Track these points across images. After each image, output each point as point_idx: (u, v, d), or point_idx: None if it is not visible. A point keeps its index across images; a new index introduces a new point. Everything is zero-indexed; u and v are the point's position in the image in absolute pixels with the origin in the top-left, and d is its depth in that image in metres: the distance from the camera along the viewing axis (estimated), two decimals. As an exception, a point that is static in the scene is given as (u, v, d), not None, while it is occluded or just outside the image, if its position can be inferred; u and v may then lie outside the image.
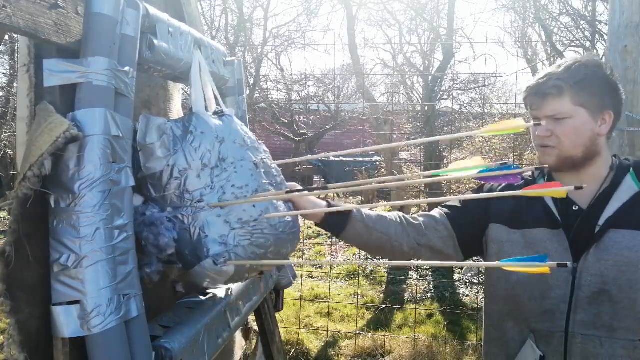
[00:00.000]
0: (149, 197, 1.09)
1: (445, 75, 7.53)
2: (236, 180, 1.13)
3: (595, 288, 1.18)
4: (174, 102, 1.53)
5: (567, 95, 1.18)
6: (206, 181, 1.09)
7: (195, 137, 1.10)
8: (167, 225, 1.06)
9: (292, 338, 3.79)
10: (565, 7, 7.21)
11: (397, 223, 1.37)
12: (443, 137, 1.34)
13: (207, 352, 1.16)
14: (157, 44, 1.08)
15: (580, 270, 1.19)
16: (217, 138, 1.14)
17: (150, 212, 1.06)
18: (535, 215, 1.28)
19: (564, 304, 1.21)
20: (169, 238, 1.05)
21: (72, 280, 0.84)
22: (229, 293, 1.38)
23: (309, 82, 11.37)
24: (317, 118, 13.40)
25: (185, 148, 1.08)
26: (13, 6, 0.76)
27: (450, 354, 3.57)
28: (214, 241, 1.07)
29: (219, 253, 1.07)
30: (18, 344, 0.79)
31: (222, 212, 1.09)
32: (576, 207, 1.25)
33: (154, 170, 1.07)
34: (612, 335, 1.16)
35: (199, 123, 1.13)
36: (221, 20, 10.31)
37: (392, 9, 10.37)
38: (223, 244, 1.08)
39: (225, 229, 1.09)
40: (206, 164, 1.10)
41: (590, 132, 1.20)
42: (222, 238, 1.08)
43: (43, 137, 0.81)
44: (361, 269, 5.73)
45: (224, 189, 1.11)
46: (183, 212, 1.08)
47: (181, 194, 1.08)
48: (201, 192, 1.08)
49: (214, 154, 1.11)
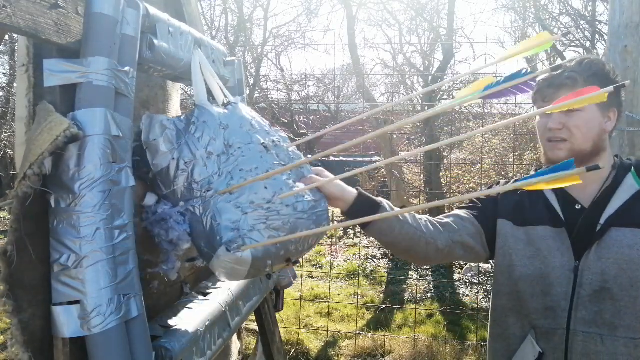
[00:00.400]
0: (161, 195, 1.09)
1: (445, 75, 7.53)
2: (244, 164, 1.09)
3: (597, 286, 1.18)
4: (172, 102, 1.53)
5: (580, 88, 1.17)
6: (213, 169, 1.06)
7: (198, 127, 1.09)
8: (177, 218, 1.04)
9: (292, 338, 3.79)
10: (565, 7, 7.21)
11: (428, 221, 1.33)
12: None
13: (207, 352, 1.16)
14: (157, 43, 1.08)
15: (582, 269, 1.20)
16: (221, 125, 1.12)
17: (161, 209, 1.05)
18: (538, 213, 1.29)
19: (565, 301, 1.21)
20: (179, 231, 1.03)
21: (72, 280, 0.84)
22: (229, 293, 1.38)
23: (309, 82, 11.37)
24: (317, 118, 13.40)
25: (189, 139, 1.07)
26: (13, 6, 0.76)
27: (450, 354, 3.57)
28: (226, 228, 1.01)
29: (231, 239, 1.00)
30: (22, 344, 0.79)
31: (231, 197, 1.04)
32: (579, 205, 1.25)
33: (161, 166, 1.07)
34: (613, 333, 1.16)
35: (201, 113, 1.13)
36: (221, 20, 10.31)
37: (392, 9, 10.36)
38: (235, 229, 1.01)
39: (237, 214, 1.03)
40: (211, 152, 1.07)
41: (599, 127, 1.21)
42: (234, 224, 1.02)
43: (43, 136, 0.81)
44: (361, 269, 5.73)
45: (232, 174, 1.07)
46: (194, 204, 1.04)
47: (189, 185, 1.05)
48: (209, 180, 1.05)
49: (219, 140, 1.09)
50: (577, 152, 1.21)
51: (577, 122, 1.20)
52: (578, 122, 1.20)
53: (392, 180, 7.20)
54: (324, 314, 4.41)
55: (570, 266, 1.21)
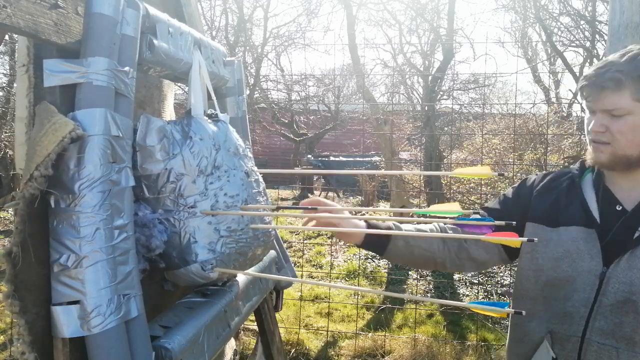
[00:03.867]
0: (141, 197, 1.10)
1: (446, 75, 7.53)
2: (229, 189, 1.17)
3: (621, 296, 1.10)
4: (167, 102, 1.54)
5: (627, 90, 1.07)
6: (200, 188, 1.12)
7: (195, 143, 1.12)
8: (160, 227, 1.09)
9: (292, 338, 3.78)
10: (565, 7, 7.20)
11: (439, 238, 1.31)
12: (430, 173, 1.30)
13: (207, 352, 1.16)
14: (157, 44, 1.08)
15: (609, 276, 1.11)
16: (214, 145, 1.17)
17: (142, 213, 1.07)
18: (572, 213, 1.20)
19: (585, 308, 1.14)
20: (160, 240, 1.08)
21: (72, 280, 0.84)
22: (229, 293, 1.38)
23: (309, 82, 11.37)
24: (317, 118, 13.39)
25: (185, 153, 1.10)
26: (13, 6, 0.76)
27: (450, 354, 3.57)
28: (203, 247, 1.11)
29: (207, 260, 1.11)
30: (28, 344, 0.79)
31: (213, 219, 1.13)
32: (620, 207, 1.16)
33: (150, 171, 1.08)
34: (631, 348, 1.08)
35: (198, 128, 1.15)
36: (221, 20, 10.31)
37: (392, 9, 10.37)
38: (212, 250, 1.12)
39: (214, 236, 1.13)
40: (202, 170, 1.12)
41: None
42: (210, 245, 1.12)
43: (48, 137, 0.81)
44: (361, 269, 5.73)
45: (217, 197, 1.14)
46: (175, 216, 1.10)
47: (176, 198, 1.10)
48: (195, 198, 1.11)
49: (210, 161, 1.14)
50: (621, 157, 1.11)
51: (622, 126, 1.08)
52: (623, 127, 1.08)
53: (392, 180, 7.20)
54: (324, 314, 4.41)
55: (597, 271, 1.13)
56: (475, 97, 9.22)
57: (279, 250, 1.78)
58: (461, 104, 8.08)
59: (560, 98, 10.51)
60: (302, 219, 1.34)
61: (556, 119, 6.83)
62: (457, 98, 8.27)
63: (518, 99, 10.44)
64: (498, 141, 6.48)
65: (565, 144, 6.20)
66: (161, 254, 1.11)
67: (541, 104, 8.87)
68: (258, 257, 1.34)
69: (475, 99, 9.11)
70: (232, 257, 1.17)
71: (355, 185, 10.39)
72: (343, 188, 11.44)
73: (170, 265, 1.13)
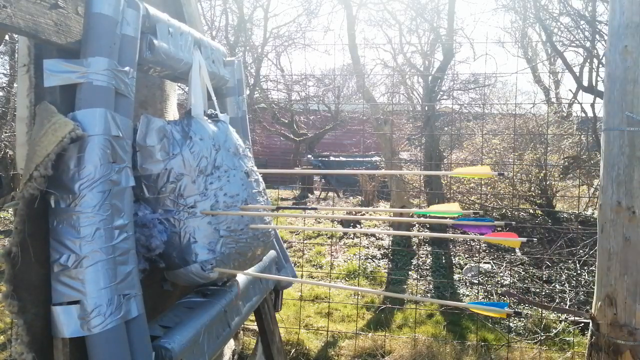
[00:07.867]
0: (140, 197, 1.10)
1: (446, 75, 7.52)
2: (228, 189, 1.18)
3: None
4: (169, 102, 1.54)
5: None
6: (200, 188, 1.12)
7: (195, 143, 1.12)
8: (160, 228, 1.09)
9: (292, 338, 3.78)
10: (565, 7, 7.20)
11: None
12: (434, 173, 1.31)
13: (207, 352, 1.16)
14: (157, 44, 1.08)
15: None
16: (214, 146, 1.17)
17: (142, 213, 1.07)
18: None
19: None
20: (160, 240, 1.08)
21: (72, 280, 0.84)
22: (229, 293, 1.38)
23: (309, 82, 11.37)
24: (317, 118, 13.39)
25: (185, 153, 1.10)
26: (13, 6, 0.76)
27: (450, 354, 3.57)
28: (202, 247, 1.12)
29: (207, 260, 1.12)
30: (26, 344, 0.79)
31: (213, 219, 1.13)
32: None
33: (150, 171, 1.08)
34: None
35: (198, 129, 1.15)
36: (221, 20, 10.31)
37: (392, 9, 10.36)
38: (212, 250, 1.13)
39: (214, 236, 1.13)
40: (202, 170, 1.12)
41: None
42: (210, 245, 1.13)
43: (48, 137, 0.81)
44: (361, 269, 5.72)
45: (217, 197, 1.15)
46: (175, 216, 1.11)
47: (176, 198, 1.10)
48: (195, 198, 1.11)
49: (210, 161, 1.15)
50: None
51: None
52: None
53: (392, 180, 7.19)
54: (324, 314, 4.41)
55: None
56: (475, 97, 9.21)
57: (279, 250, 1.78)
58: (461, 104, 8.07)
59: (560, 98, 10.51)
60: (302, 219, 1.33)
61: (556, 119, 6.83)
62: (457, 98, 8.26)
63: (518, 99, 10.42)
64: (498, 141, 6.48)
65: (565, 144, 6.20)
66: (161, 254, 1.11)
67: (541, 104, 8.88)
68: (258, 257, 1.34)
69: (475, 99, 9.10)
70: (232, 257, 1.18)
71: (356, 185, 10.39)
72: (343, 188, 11.43)
73: (170, 265, 1.13)
